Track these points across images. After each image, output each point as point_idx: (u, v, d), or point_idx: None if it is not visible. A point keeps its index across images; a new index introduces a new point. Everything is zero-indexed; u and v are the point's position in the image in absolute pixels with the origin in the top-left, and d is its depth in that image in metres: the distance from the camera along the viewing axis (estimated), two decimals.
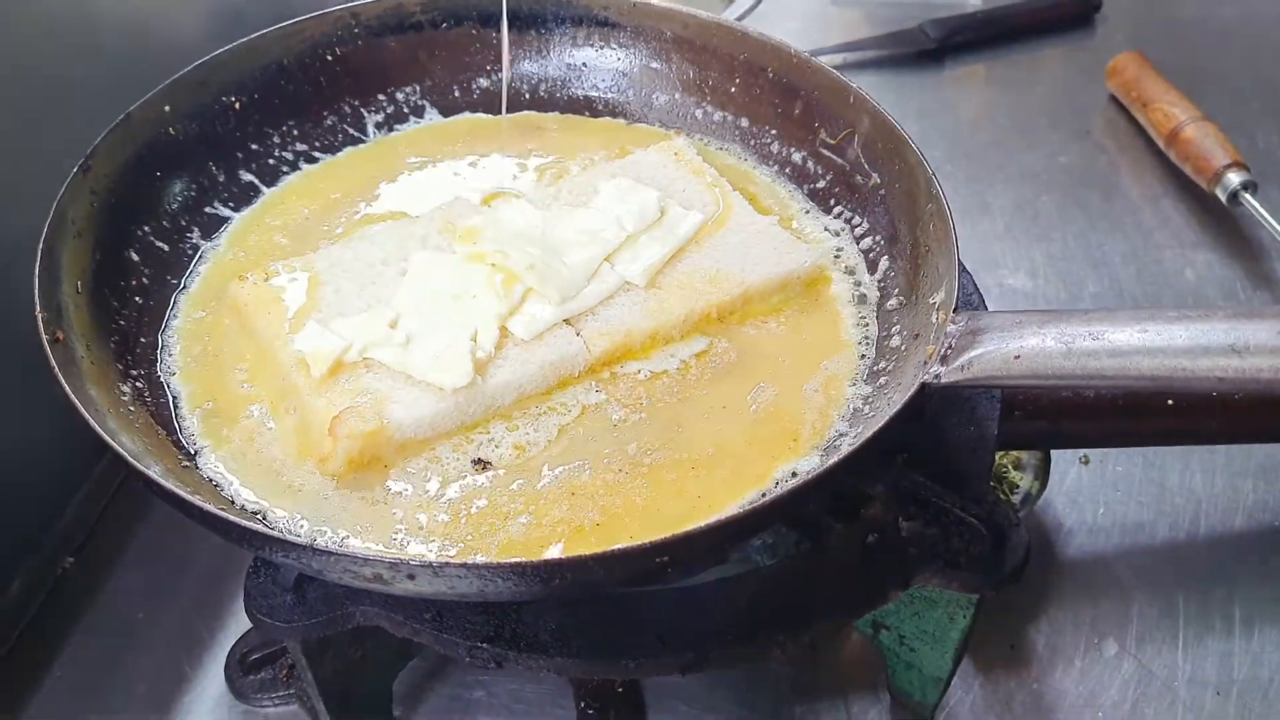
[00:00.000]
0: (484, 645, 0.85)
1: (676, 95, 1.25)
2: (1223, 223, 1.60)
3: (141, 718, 1.10)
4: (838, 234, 1.13)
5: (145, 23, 1.25)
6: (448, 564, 0.75)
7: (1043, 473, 1.22)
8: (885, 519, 0.91)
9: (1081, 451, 1.30)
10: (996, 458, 1.13)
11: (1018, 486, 1.22)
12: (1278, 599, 1.17)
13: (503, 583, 0.76)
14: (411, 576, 0.75)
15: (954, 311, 0.88)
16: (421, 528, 0.87)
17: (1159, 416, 1.09)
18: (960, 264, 0.94)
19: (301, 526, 0.87)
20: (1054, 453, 1.24)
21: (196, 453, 0.93)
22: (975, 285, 1.06)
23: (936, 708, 1.07)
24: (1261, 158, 1.66)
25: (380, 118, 1.24)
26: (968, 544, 0.88)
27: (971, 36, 1.94)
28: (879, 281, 1.07)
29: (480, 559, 0.85)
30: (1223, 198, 1.55)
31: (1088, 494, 1.27)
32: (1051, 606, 1.17)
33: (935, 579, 0.89)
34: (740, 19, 1.93)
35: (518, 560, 0.78)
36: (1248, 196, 1.53)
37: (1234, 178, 1.54)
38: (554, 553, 0.85)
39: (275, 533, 0.84)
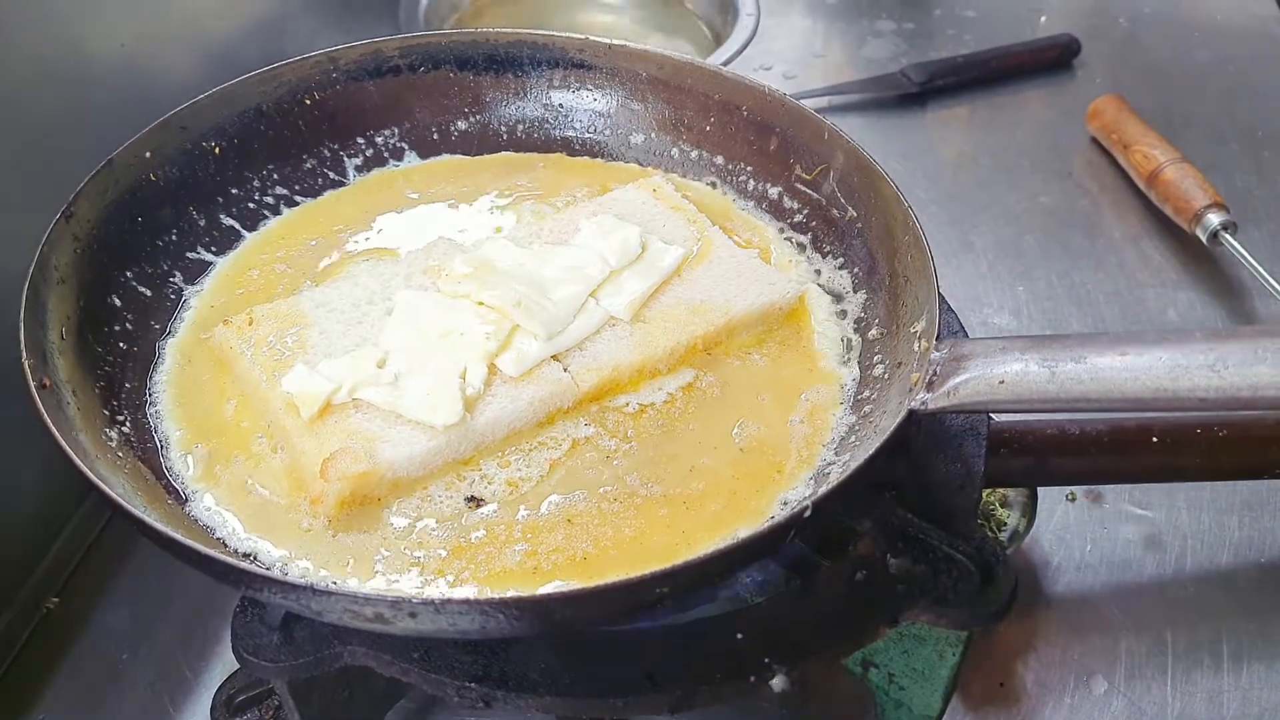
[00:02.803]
0: (472, 685, 0.85)
1: (653, 134, 1.27)
2: (1203, 262, 1.62)
3: None
4: (816, 267, 1.14)
5: (136, 66, 1.26)
6: (449, 600, 0.75)
7: (1030, 510, 1.22)
8: (873, 556, 0.91)
9: (1068, 489, 1.30)
10: (984, 495, 1.13)
11: (1005, 523, 1.22)
12: (1266, 635, 1.17)
13: (504, 618, 0.76)
14: (413, 615, 0.75)
15: (937, 339, 0.89)
16: (417, 564, 0.87)
17: (1145, 453, 1.09)
18: (945, 302, 0.95)
19: (295, 567, 0.87)
20: (1041, 490, 1.24)
21: (187, 496, 0.93)
22: (960, 323, 1.07)
23: None
24: (1240, 198, 1.68)
25: (360, 161, 1.25)
26: (956, 581, 0.89)
27: (953, 80, 1.96)
28: (859, 312, 1.08)
29: (477, 594, 0.85)
30: (1203, 238, 1.57)
31: (1075, 531, 1.27)
32: (1040, 644, 1.17)
33: (924, 616, 0.89)
34: (726, 64, 1.95)
35: (517, 595, 0.78)
36: (1227, 236, 1.54)
37: (1214, 218, 1.56)
38: (552, 587, 0.85)
39: (272, 574, 0.83)
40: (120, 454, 0.92)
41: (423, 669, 0.86)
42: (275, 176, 1.20)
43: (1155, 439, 1.08)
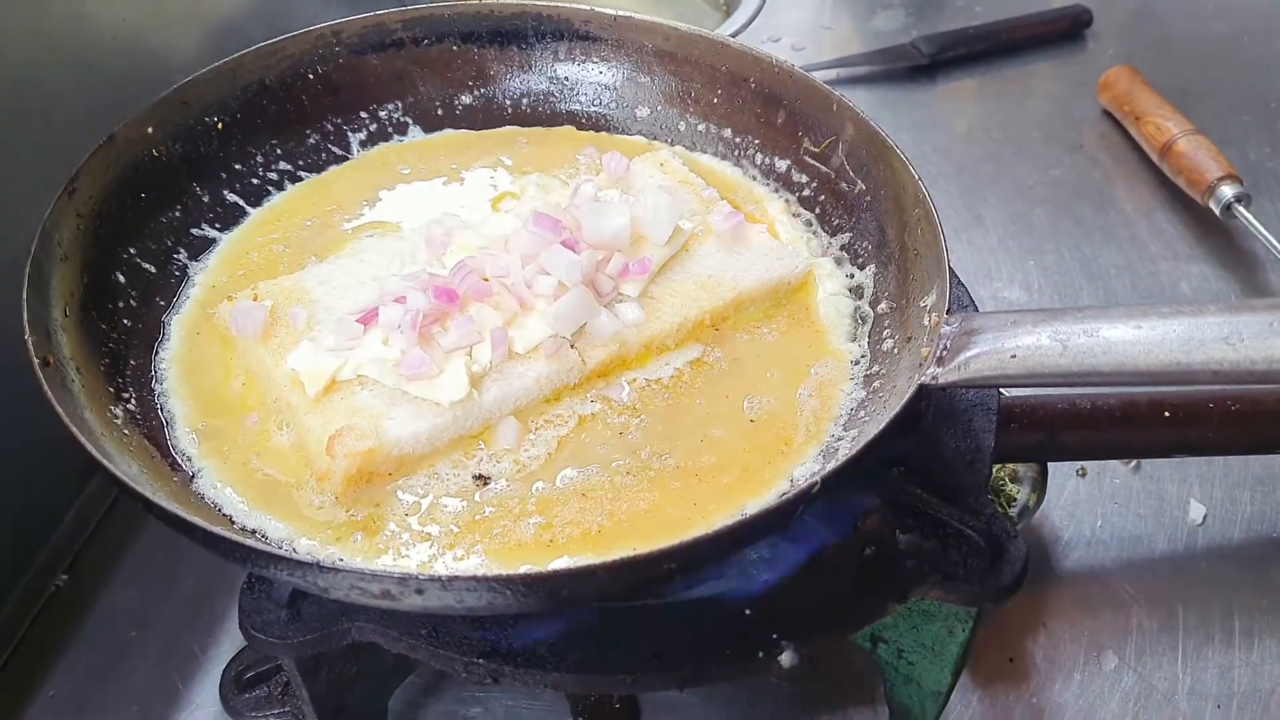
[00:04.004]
0: (480, 660, 0.85)
1: (659, 108, 1.26)
2: (1216, 235, 1.60)
3: None
4: (825, 241, 1.13)
5: (138, 40, 1.25)
6: (456, 577, 0.74)
7: (1040, 485, 1.22)
8: (883, 532, 0.90)
9: (1078, 464, 1.30)
10: (994, 470, 1.13)
11: (1015, 499, 1.21)
12: (1277, 610, 1.17)
13: (511, 595, 0.75)
14: (420, 591, 0.74)
15: (947, 313, 0.88)
16: (427, 539, 0.87)
17: (1156, 428, 1.08)
18: (955, 276, 0.94)
19: (301, 544, 0.87)
20: (1051, 465, 1.24)
21: (194, 474, 0.92)
22: (970, 297, 1.06)
23: None
24: (1253, 170, 1.67)
25: (364, 135, 1.24)
26: (966, 556, 0.88)
27: (963, 51, 1.95)
28: (868, 286, 1.07)
29: (486, 569, 0.85)
30: (1216, 210, 1.55)
31: (1085, 506, 1.27)
32: (1050, 619, 1.17)
33: (933, 592, 0.89)
34: (734, 35, 1.94)
35: (525, 571, 0.77)
36: (1241, 209, 1.53)
37: (1227, 190, 1.54)
38: (564, 561, 0.85)
39: (278, 551, 0.83)
40: (126, 431, 0.91)
41: (431, 645, 0.86)
42: (279, 151, 1.19)
43: (1167, 413, 1.08)
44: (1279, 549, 1.23)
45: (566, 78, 1.28)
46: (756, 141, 1.21)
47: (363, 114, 1.24)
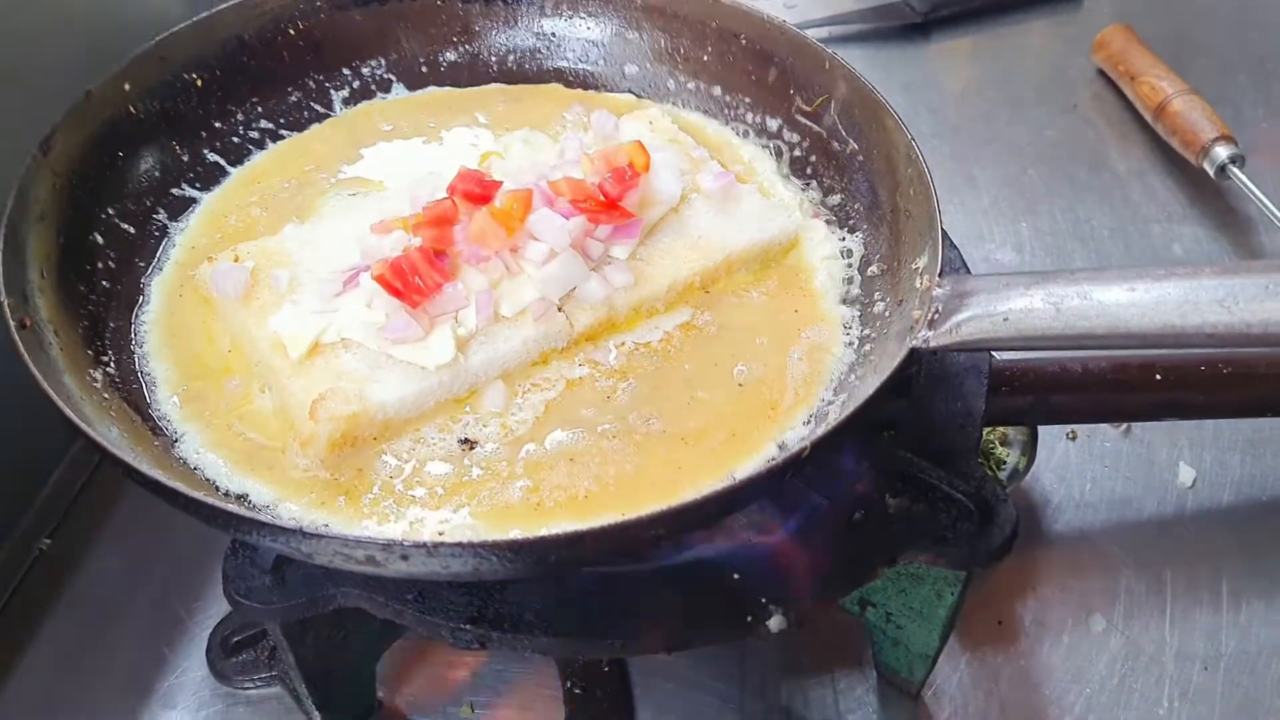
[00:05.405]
0: (467, 626, 0.84)
1: (648, 65, 1.24)
2: (1210, 196, 1.59)
3: (122, 700, 1.09)
4: (817, 201, 1.12)
5: None
6: (441, 543, 0.74)
7: (1030, 448, 1.21)
8: (872, 495, 0.90)
9: (1069, 427, 1.29)
10: (984, 434, 1.12)
11: (1005, 462, 1.21)
12: (1265, 573, 1.17)
13: (498, 560, 0.74)
14: (405, 558, 0.73)
15: (939, 275, 0.87)
16: (414, 502, 0.86)
17: (1148, 391, 1.08)
18: (947, 237, 0.93)
19: (285, 509, 0.86)
20: (1041, 428, 1.23)
21: (175, 438, 0.91)
22: (962, 259, 1.05)
23: (924, 684, 1.07)
24: (1248, 130, 1.65)
25: (346, 93, 1.21)
26: (955, 520, 0.88)
27: (957, 10, 1.93)
28: (860, 248, 1.06)
29: (473, 534, 0.84)
30: (1210, 171, 1.54)
31: (1075, 469, 1.27)
32: (1039, 582, 1.17)
33: (922, 555, 0.88)
34: None
35: (511, 538, 0.77)
36: (1235, 170, 1.52)
37: (1222, 151, 1.53)
38: (551, 526, 0.84)
39: (260, 517, 0.82)
40: (106, 395, 0.90)
41: (417, 610, 0.85)
42: (259, 109, 1.17)
43: (1158, 376, 1.07)
44: (1268, 512, 1.23)
45: (553, 34, 1.25)
46: (747, 100, 1.19)
47: (345, 71, 1.21)
